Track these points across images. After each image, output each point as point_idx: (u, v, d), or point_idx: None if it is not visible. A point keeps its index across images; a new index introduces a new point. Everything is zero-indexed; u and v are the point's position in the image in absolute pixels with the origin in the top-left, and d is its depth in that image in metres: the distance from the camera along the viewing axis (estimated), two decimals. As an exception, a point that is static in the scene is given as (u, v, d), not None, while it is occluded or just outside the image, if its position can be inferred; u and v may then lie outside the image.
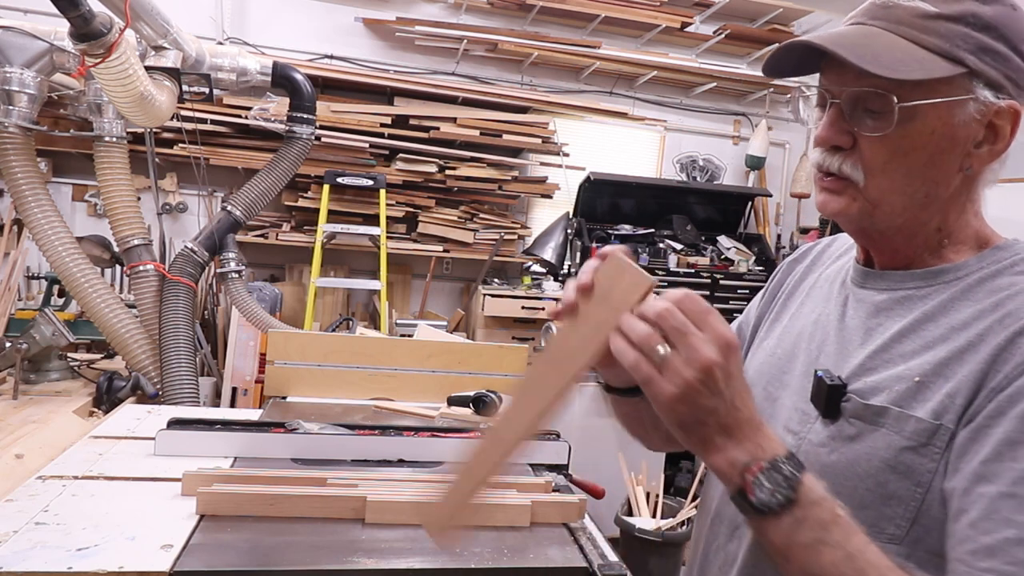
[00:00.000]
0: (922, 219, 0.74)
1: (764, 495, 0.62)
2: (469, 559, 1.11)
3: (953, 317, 0.71)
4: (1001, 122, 0.70)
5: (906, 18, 0.70)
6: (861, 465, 0.71)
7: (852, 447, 0.72)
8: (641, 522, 3.01)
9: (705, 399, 0.62)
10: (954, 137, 0.70)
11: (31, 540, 1.07)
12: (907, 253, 0.77)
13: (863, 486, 0.70)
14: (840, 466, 0.72)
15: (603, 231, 4.69)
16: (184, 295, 2.83)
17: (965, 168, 0.71)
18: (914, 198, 0.72)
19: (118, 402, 2.32)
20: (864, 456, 0.71)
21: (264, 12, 4.44)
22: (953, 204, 0.74)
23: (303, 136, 3.15)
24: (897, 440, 0.69)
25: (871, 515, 0.69)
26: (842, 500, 0.68)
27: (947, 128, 0.70)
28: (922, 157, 0.70)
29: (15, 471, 1.48)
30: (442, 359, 2.18)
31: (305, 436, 1.53)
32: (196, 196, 4.36)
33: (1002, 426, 0.63)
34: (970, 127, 0.70)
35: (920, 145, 0.70)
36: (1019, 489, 0.61)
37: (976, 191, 0.75)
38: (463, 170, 4.38)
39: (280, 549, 1.09)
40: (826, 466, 0.73)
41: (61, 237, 2.65)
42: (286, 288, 4.27)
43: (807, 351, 0.82)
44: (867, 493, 0.70)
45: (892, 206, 0.73)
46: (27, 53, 2.52)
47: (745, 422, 0.64)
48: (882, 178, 0.72)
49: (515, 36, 4.59)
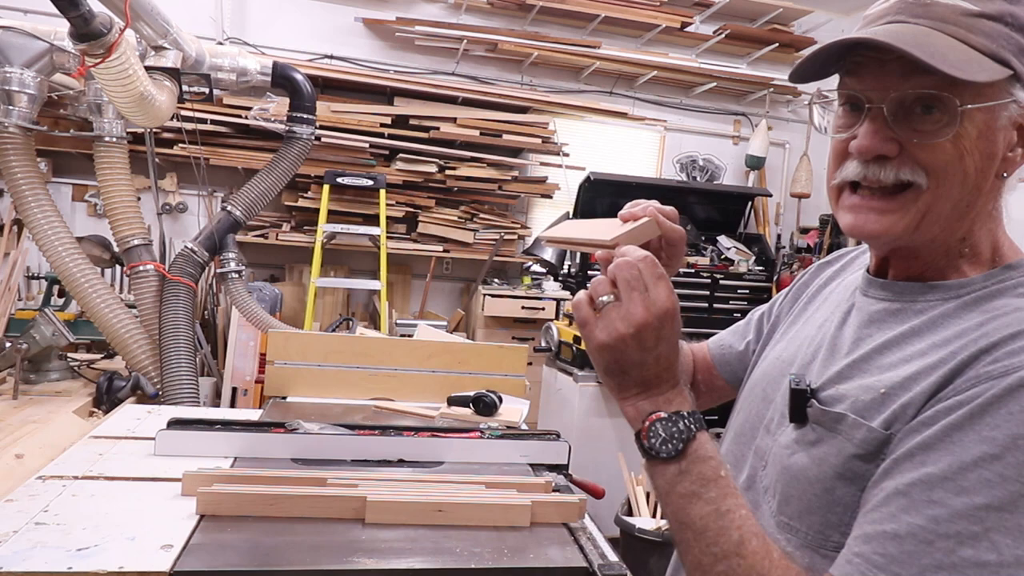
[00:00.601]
0: (955, 229, 0.71)
1: (656, 441, 0.67)
2: (469, 559, 1.11)
3: (938, 335, 0.69)
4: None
5: (951, 16, 0.66)
6: (812, 470, 0.71)
7: (809, 452, 0.72)
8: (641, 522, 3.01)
9: (632, 353, 0.67)
10: (996, 141, 0.68)
11: (31, 540, 1.07)
12: (927, 263, 0.74)
13: (811, 491, 0.70)
14: (795, 469, 0.73)
15: (603, 231, 4.69)
16: (184, 295, 2.83)
17: (1002, 173, 0.69)
18: (958, 207, 0.69)
19: (118, 402, 2.32)
20: (817, 461, 0.71)
21: (264, 12, 4.44)
22: (981, 212, 0.71)
23: (303, 136, 3.15)
24: (848, 447, 0.68)
25: (816, 521, 0.70)
26: (792, 502, 0.71)
27: (991, 132, 0.67)
28: (973, 163, 0.67)
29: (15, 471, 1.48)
30: (442, 359, 2.18)
31: (305, 436, 1.53)
32: (196, 196, 4.36)
33: (926, 432, 0.62)
34: (1008, 130, 0.68)
35: (970, 150, 0.67)
36: (914, 491, 0.60)
37: (1000, 198, 0.72)
38: (463, 170, 4.38)
39: (280, 549, 1.09)
40: (785, 468, 0.74)
41: (61, 237, 2.65)
42: (286, 288, 4.27)
43: (803, 356, 0.82)
44: (814, 498, 0.70)
45: (938, 216, 0.69)
46: (27, 53, 2.52)
47: (664, 380, 0.68)
48: (941, 185, 0.68)
49: (515, 36, 4.59)
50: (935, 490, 0.59)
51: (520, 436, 1.60)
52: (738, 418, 0.90)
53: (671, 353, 0.68)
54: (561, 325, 3.53)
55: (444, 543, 1.15)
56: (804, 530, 0.71)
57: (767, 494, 0.77)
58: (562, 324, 3.54)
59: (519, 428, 1.88)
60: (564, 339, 3.46)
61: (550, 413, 3.58)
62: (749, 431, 0.85)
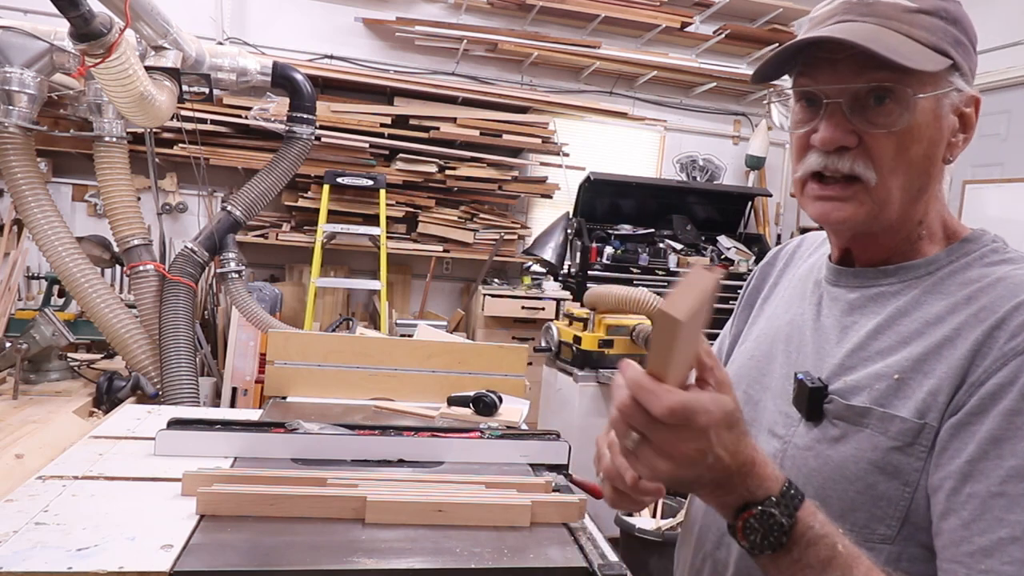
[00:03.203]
0: (911, 213, 0.75)
1: (756, 538, 0.61)
2: (469, 559, 1.11)
3: (926, 311, 0.71)
4: (969, 110, 0.73)
5: (893, 14, 0.70)
6: (849, 468, 0.70)
7: (838, 449, 0.71)
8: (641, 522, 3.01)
9: (686, 473, 0.60)
10: (941, 128, 0.72)
11: (31, 540, 1.07)
12: (889, 247, 0.77)
13: (852, 488, 0.70)
14: (827, 470, 0.72)
15: (603, 231, 4.69)
16: (184, 295, 2.83)
17: (947, 158, 0.73)
18: (911, 192, 0.73)
19: (118, 402, 2.32)
20: (851, 458, 0.70)
21: (264, 12, 4.44)
22: (932, 196, 0.75)
23: (303, 136, 3.15)
24: (883, 441, 0.68)
25: (861, 516, 0.69)
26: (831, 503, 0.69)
27: (937, 120, 0.71)
28: (921, 150, 0.71)
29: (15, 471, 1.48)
30: (442, 359, 2.17)
31: (305, 436, 1.53)
32: (196, 196, 4.36)
33: (985, 424, 0.62)
34: (950, 118, 0.72)
35: (920, 138, 0.71)
36: (1008, 487, 0.60)
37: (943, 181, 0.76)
38: (463, 170, 4.38)
39: (280, 549, 1.09)
40: (813, 470, 0.73)
41: (61, 237, 2.64)
42: (286, 288, 4.27)
43: (785, 352, 0.82)
44: (857, 496, 0.70)
45: (894, 203, 0.73)
46: (27, 53, 2.52)
47: (735, 472, 0.61)
48: (891, 175, 0.71)
49: (515, 36, 4.59)
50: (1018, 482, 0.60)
51: (520, 436, 1.60)
52: None
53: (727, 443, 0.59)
54: (561, 325, 3.53)
55: (444, 543, 1.15)
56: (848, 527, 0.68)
57: None
58: (562, 324, 3.54)
59: (519, 428, 1.88)
60: (564, 339, 3.45)
61: (550, 413, 3.58)
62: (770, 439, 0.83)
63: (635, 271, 4.49)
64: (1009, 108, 4.19)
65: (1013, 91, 4.16)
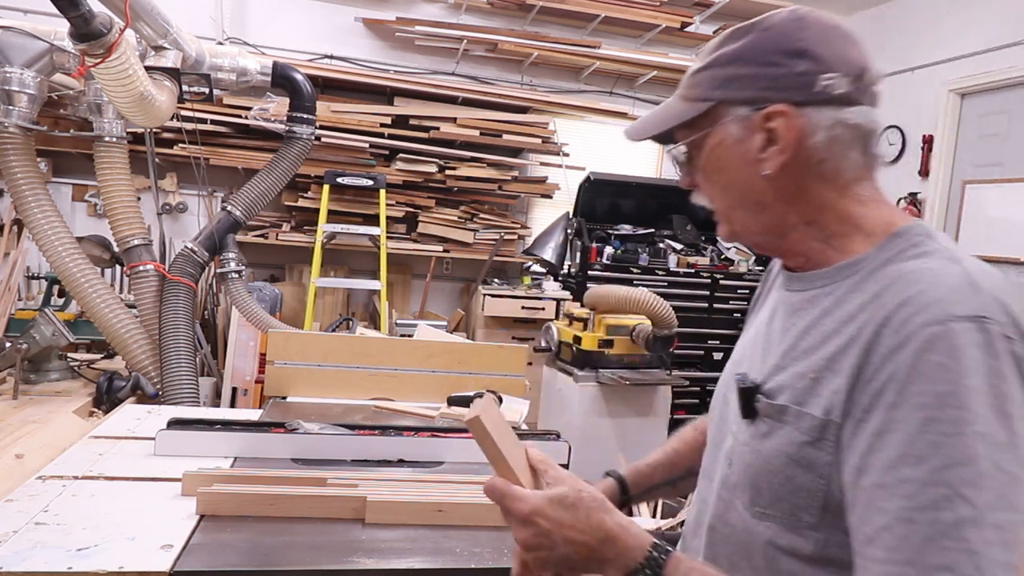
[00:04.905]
0: (773, 222, 0.80)
1: None
2: (469, 559, 1.11)
3: (845, 310, 0.74)
4: (774, 124, 0.76)
5: (684, 80, 0.84)
6: (773, 461, 0.75)
7: (765, 444, 0.77)
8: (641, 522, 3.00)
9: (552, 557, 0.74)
10: (733, 152, 0.79)
11: (31, 540, 1.07)
12: (799, 252, 0.82)
13: (777, 480, 0.75)
14: (759, 463, 0.77)
15: (603, 231, 4.69)
16: (184, 295, 2.83)
17: (763, 171, 0.77)
18: (749, 209, 0.81)
19: (118, 402, 2.32)
20: (775, 452, 0.75)
21: (264, 12, 4.44)
22: (800, 201, 0.79)
23: (303, 136, 3.15)
24: (797, 436, 0.73)
25: (787, 506, 0.74)
26: (764, 493, 0.76)
27: (724, 148, 0.80)
28: (722, 176, 0.81)
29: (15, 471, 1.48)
30: (442, 359, 2.18)
31: (305, 436, 1.53)
32: (196, 196, 4.36)
33: (872, 419, 0.66)
34: (745, 140, 0.78)
35: (715, 168, 0.81)
36: (887, 478, 0.63)
37: (837, 182, 0.78)
38: (463, 170, 4.38)
39: (280, 549, 1.09)
40: (749, 464, 0.79)
41: (61, 237, 2.65)
42: (286, 288, 4.27)
43: (750, 356, 0.88)
44: (781, 487, 0.74)
45: (737, 220, 0.83)
46: (27, 53, 2.52)
47: (598, 546, 0.73)
48: (719, 202, 0.83)
49: (515, 36, 4.59)
50: (899, 469, 0.63)
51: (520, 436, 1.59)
52: (711, 427, 0.94)
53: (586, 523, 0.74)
54: (561, 325, 3.53)
55: (444, 543, 1.15)
56: (779, 515, 0.75)
57: (738, 490, 0.81)
58: (562, 324, 3.54)
59: (519, 428, 1.88)
60: (564, 339, 3.45)
61: (550, 413, 3.58)
62: (718, 435, 0.90)
63: (635, 271, 4.49)
64: (1009, 108, 4.18)
65: (1013, 91, 4.16)
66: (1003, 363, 0.63)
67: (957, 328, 0.63)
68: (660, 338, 3.19)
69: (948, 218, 4.53)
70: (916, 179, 4.69)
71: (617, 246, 4.59)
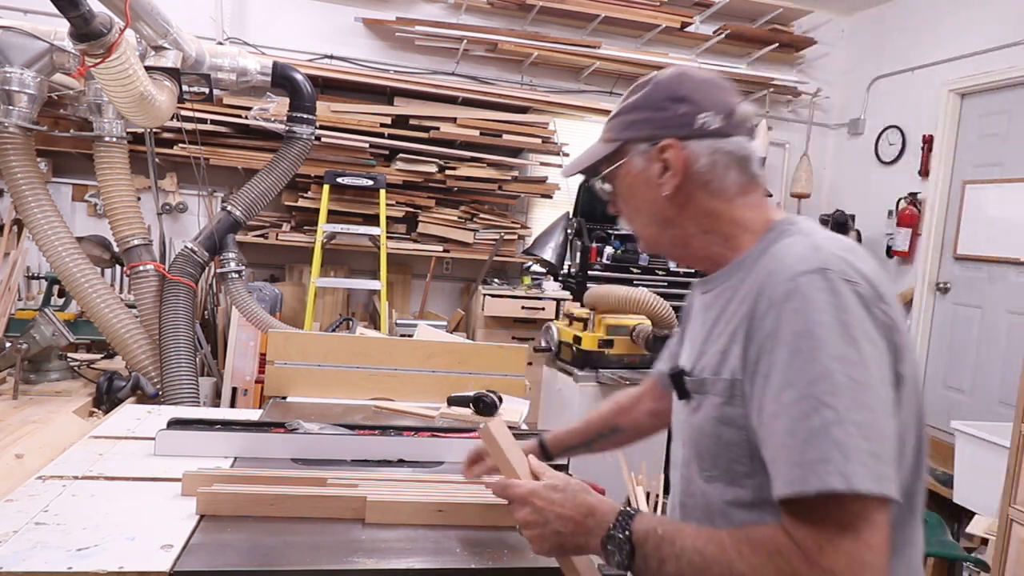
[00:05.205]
0: (678, 234, 0.99)
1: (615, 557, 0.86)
2: (469, 559, 1.11)
3: (741, 294, 0.90)
4: (667, 155, 0.94)
5: (605, 125, 1.03)
6: (705, 427, 0.91)
7: (697, 415, 0.93)
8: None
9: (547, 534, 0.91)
10: (639, 180, 0.98)
11: (31, 540, 1.07)
12: (702, 257, 0.99)
13: (710, 441, 0.90)
14: (695, 432, 0.93)
15: (603, 231, 4.69)
16: (184, 295, 2.83)
17: (663, 193, 0.95)
18: (655, 225, 1.00)
19: (118, 402, 2.32)
20: (705, 419, 0.91)
21: (264, 12, 4.44)
22: (697, 215, 0.96)
23: (303, 136, 3.15)
24: (717, 400, 0.89)
25: (724, 461, 0.89)
26: (705, 455, 0.91)
27: (631, 178, 0.99)
28: (633, 202, 1.01)
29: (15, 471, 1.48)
30: (442, 359, 2.18)
31: (305, 436, 1.53)
32: (196, 196, 4.36)
33: (761, 368, 0.82)
34: (647, 169, 0.97)
35: (629, 194, 1.01)
36: (774, 406, 0.79)
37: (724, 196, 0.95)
38: (463, 170, 4.38)
39: (280, 549, 1.09)
40: (689, 436, 0.96)
41: (61, 237, 2.64)
42: (286, 288, 4.27)
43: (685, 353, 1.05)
44: (715, 446, 0.89)
45: (651, 235, 1.02)
46: (27, 53, 2.52)
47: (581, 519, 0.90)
48: (633, 222, 1.03)
49: (515, 36, 4.59)
50: (780, 397, 0.78)
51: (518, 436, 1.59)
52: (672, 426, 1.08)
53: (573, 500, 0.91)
54: (561, 325, 3.53)
55: (444, 543, 1.15)
56: (720, 474, 0.89)
57: (692, 463, 0.96)
58: (562, 324, 3.54)
59: (519, 428, 1.89)
60: (564, 339, 3.45)
61: (550, 413, 3.58)
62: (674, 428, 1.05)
63: (635, 271, 4.49)
64: (1009, 108, 4.18)
65: (1013, 91, 4.16)
66: (846, 300, 0.78)
67: (803, 280, 0.79)
68: (660, 338, 3.19)
69: (948, 218, 4.53)
70: (916, 179, 4.69)
71: (617, 246, 4.58)
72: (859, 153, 5.22)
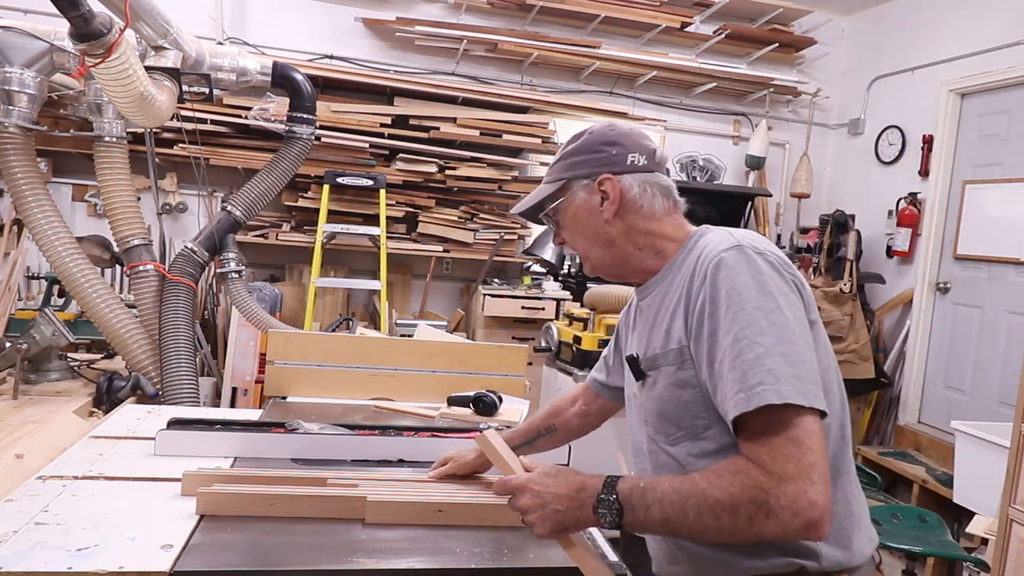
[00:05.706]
0: (619, 253, 1.17)
1: (607, 519, 0.98)
2: (469, 559, 1.11)
3: (674, 285, 1.10)
4: (605, 187, 1.15)
5: (547, 170, 1.23)
6: (664, 395, 1.08)
7: (656, 388, 1.10)
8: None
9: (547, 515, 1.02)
10: (583, 210, 1.17)
11: (31, 540, 1.07)
12: (639, 271, 1.18)
13: (671, 406, 1.07)
14: (658, 403, 1.09)
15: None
16: (184, 295, 2.83)
17: (605, 219, 1.15)
18: (599, 247, 1.18)
19: (118, 402, 2.32)
20: (663, 390, 1.08)
21: (264, 12, 4.44)
22: (632, 235, 1.16)
23: (303, 136, 3.15)
24: (670, 368, 1.06)
25: (686, 420, 1.05)
26: (670, 420, 1.07)
27: (576, 209, 1.18)
28: (578, 228, 1.19)
29: (15, 471, 1.48)
30: (442, 359, 2.18)
31: (305, 436, 1.53)
32: (196, 196, 4.36)
33: (704, 328, 1.00)
34: (589, 200, 1.16)
35: (574, 223, 1.19)
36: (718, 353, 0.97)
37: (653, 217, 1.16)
38: (463, 170, 4.38)
39: (280, 549, 1.10)
40: (650, 410, 1.12)
41: (61, 237, 2.65)
42: (286, 288, 4.27)
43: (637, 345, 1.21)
44: (675, 410, 1.06)
45: (595, 257, 1.20)
46: (27, 53, 2.52)
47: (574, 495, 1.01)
48: (579, 248, 1.21)
49: (515, 36, 4.59)
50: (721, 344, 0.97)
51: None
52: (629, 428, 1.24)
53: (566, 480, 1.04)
54: (561, 325, 3.53)
55: (444, 543, 1.15)
56: (684, 434, 1.06)
57: (658, 436, 1.11)
58: (562, 324, 3.54)
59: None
60: (564, 339, 3.45)
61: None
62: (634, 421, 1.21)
63: (635, 271, 4.49)
64: (1009, 108, 4.18)
65: (1013, 91, 4.16)
66: (760, 265, 0.98)
67: (725, 255, 1.00)
68: (660, 338, 3.19)
69: (948, 218, 4.52)
70: (916, 179, 4.69)
71: (617, 246, 4.58)
72: (859, 153, 5.22)
